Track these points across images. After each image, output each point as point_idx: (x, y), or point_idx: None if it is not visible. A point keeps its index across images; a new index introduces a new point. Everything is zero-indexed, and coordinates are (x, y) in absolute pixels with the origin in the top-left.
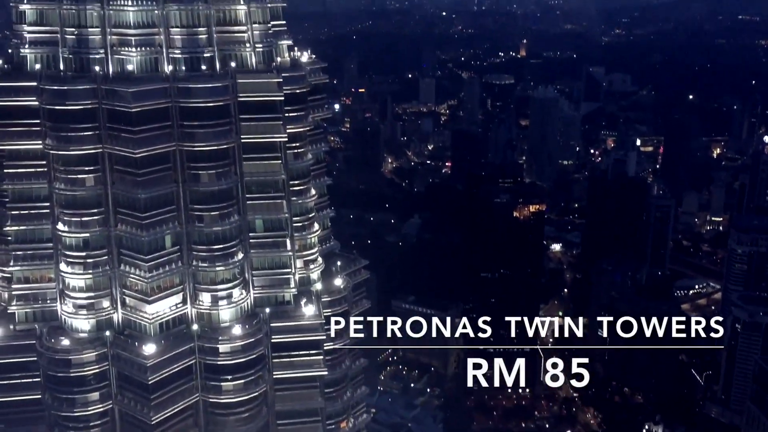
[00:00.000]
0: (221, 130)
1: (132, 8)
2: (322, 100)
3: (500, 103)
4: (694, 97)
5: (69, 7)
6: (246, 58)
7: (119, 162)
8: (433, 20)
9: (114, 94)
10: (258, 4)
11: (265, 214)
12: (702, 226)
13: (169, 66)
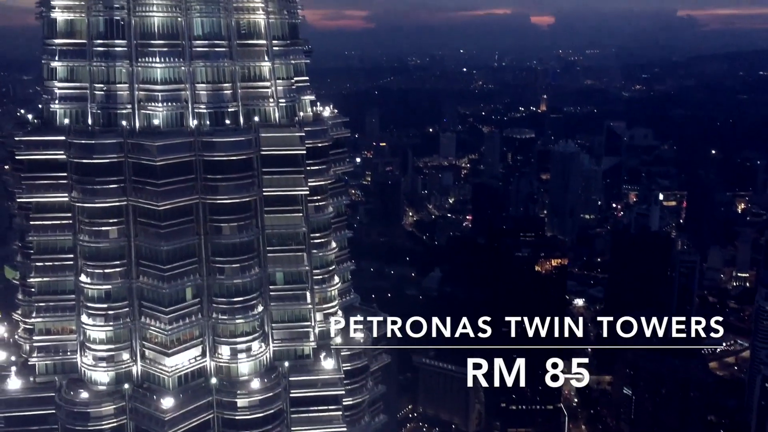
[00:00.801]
0: (244, 183)
1: (160, 65)
2: (343, 154)
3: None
4: (717, 152)
5: (99, 64)
6: (269, 113)
7: (143, 214)
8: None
9: (140, 147)
10: (282, 60)
11: (286, 267)
12: (728, 282)
13: (194, 120)
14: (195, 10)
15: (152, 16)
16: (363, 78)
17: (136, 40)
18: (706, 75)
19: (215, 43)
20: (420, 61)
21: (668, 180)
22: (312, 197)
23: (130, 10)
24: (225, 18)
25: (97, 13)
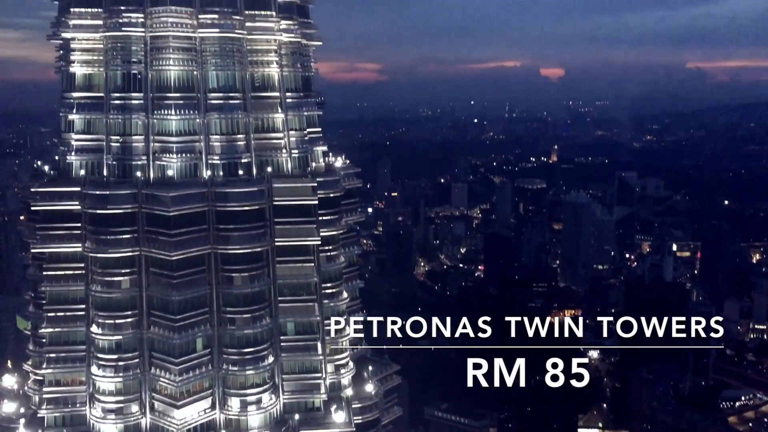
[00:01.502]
0: (256, 233)
1: (175, 117)
2: (355, 204)
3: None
4: (730, 202)
5: (115, 116)
6: (282, 164)
7: (155, 264)
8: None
9: (154, 198)
10: (295, 112)
11: (297, 317)
12: (745, 334)
13: (208, 171)
14: (210, 64)
15: (169, 69)
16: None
17: (153, 93)
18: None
19: (230, 95)
20: (431, 112)
21: (681, 230)
22: (324, 247)
23: (147, 64)
24: (240, 71)
25: (115, 68)
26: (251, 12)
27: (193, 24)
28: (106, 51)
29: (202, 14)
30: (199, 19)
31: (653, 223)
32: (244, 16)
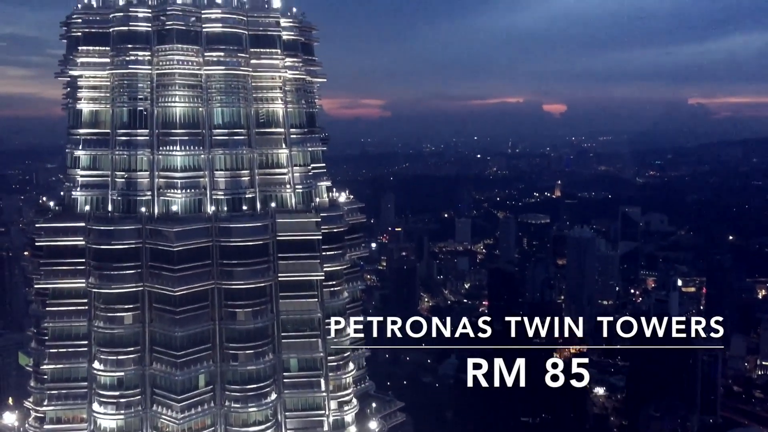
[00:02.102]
0: (259, 268)
1: (180, 153)
2: (359, 239)
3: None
4: (734, 238)
5: (121, 152)
6: (286, 199)
7: (158, 300)
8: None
9: (158, 233)
10: (299, 148)
11: (300, 353)
12: (752, 370)
13: (212, 206)
14: (216, 101)
15: (174, 106)
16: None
17: (158, 129)
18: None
19: (234, 131)
20: (435, 147)
21: (686, 266)
22: (327, 282)
23: (153, 101)
24: (244, 107)
25: (122, 104)
26: (256, 49)
27: (199, 61)
28: (112, 88)
29: (208, 52)
30: (205, 57)
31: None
32: (250, 54)
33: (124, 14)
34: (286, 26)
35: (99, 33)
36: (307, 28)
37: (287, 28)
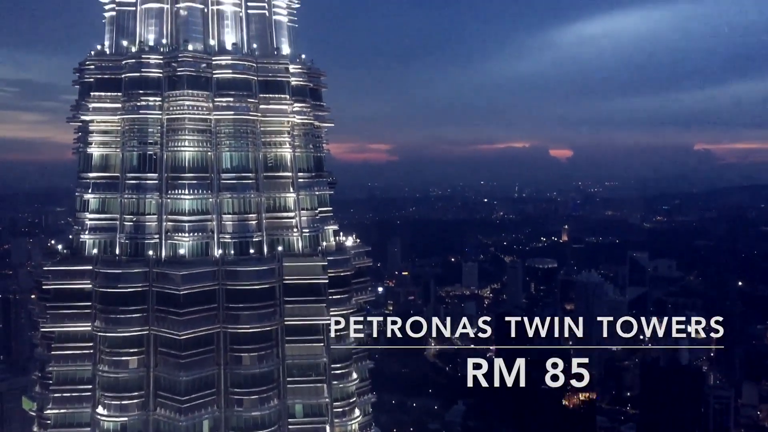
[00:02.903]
0: (266, 312)
1: (188, 197)
2: (365, 283)
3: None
4: (744, 283)
5: (130, 196)
6: (293, 242)
7: (164, 344)
8: (474, 206)
9: (164, 277)
10: (307, 192)
11: (305, 399)
12: (765, 419)
13: (219, 250)
14: (224, 145)
15: (183, 150)
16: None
17: (167, 173)
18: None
19: (242, 175)
20: (441, 192)
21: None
22: None
23: (162, 145)
24: (253, 152)
25: (132, 149)
26: (266, 95)
27: (209, 107)
28: (123, 133)
29: (218, 97)
30: (215, 102)
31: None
32: (259, 99)
33: (137, 60)
34: (295, 72)
35: (111, 79)
36: (316, 74)
37: (296, 74)
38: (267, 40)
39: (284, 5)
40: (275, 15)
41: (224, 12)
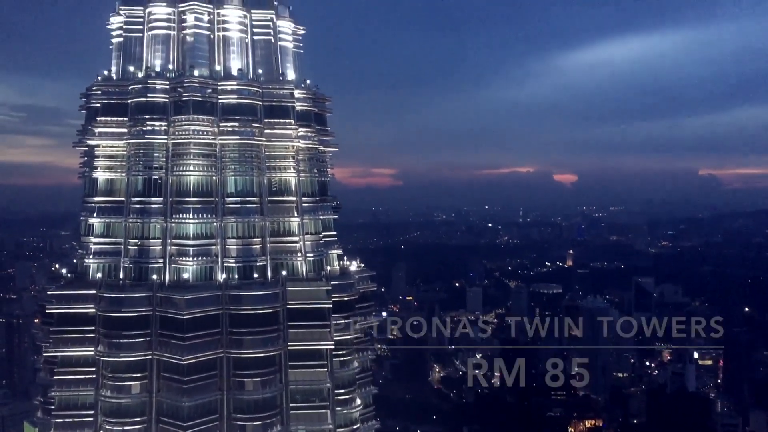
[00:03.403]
0: (269, 336)
1: (193, 221)
2: (369, 308)
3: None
4: (750, 309)
5: (134, 220)
6: (297, 267)
7: (167, 369)
8: (479, 231)
9: (168, 301)
10: (311, 216)
11: (309, 425)
12: None
13: (223, 274)
14: (229, 169)
15: (188, 175)
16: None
17: (172, 198)
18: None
19: (247, 200)
20: (446, 216)
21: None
22: (337, 352)
23: (167, 169)
24: (257, 176)
25: (137, 173)
26: (270, 120)
27: (214, 131)
28: (128, 157)
29: (223, 122)
30: (220, 127)
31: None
32: (264, 124)
33: (143, 86)
34: (300, 97)
35: (117, 104)
36: (321, 99)
37: (301, 100)
38: (272, 65)
39: (290, 32)
40: (281, 41)
41: (230, 38)
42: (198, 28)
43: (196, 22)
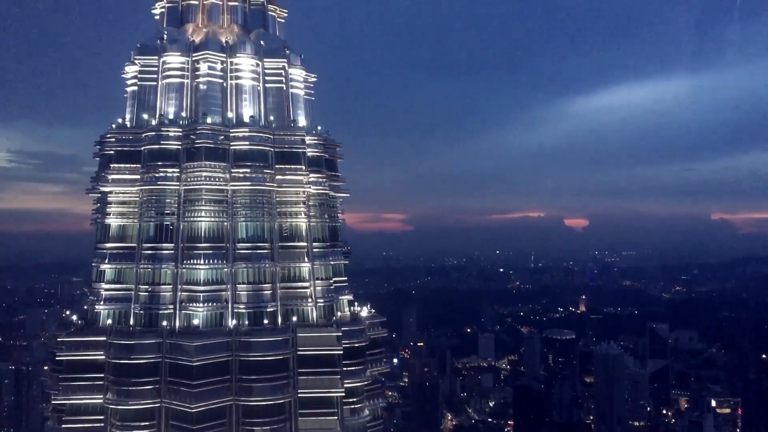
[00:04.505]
0: (279, 384)
1: (204, 267)
2: (380, 354)
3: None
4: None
5: (146, 266)
6: (307, 313)
7: (175, 417)
8: (490, 276)
9: (178, 348)
10: (322, 261)
11: None
12: None
13: (233, 320)
14: (240, 215)
15: (200, 221)
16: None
17: (183, 243)
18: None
19: (258, 245)
20: (457, 261)
21: (719, 385)
22: (348, 399)
23: (179, 215)
24: (268, 221)
25: (149, 219)
26: (282, 166)
27: (226, 177)
28: (141, 203)
29: (235, 168)
30: (232, 173)
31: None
32: (275, 170)
33: (156, 133)
34: (311, 143)
35: (131, 151)
36: (332, 145)
37: (312, 145)
38: (284, 112)
39: (301, 79)
40: (293, 89)
41: (243, 86)
42: (211, 76)
43: (210, 71)
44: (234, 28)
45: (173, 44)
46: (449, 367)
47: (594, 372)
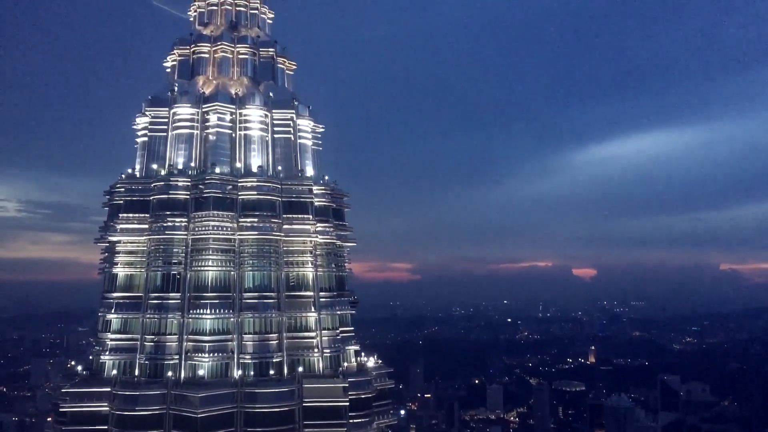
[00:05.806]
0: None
1: (210, 316)
2: (387, 406)
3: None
4: None
5: (152, 316)
6: (313, 363)
7: None
8: (498, 326)
9: (183, 399)
10: (328, 311)
11: None
12: None
13: (239, 371)
14: (247, 264)
15: (207, 270)
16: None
17: (190, 293)
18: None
19: (264, 295)
20: (464, 311)
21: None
22: None
23: (186, 265)
24: (275, 271)
25: (156, 269)
26: (289, 215)
27: (233, 227)
28: (148, 253)
29: (243, 218)
30: (239, 223)
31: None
32: (282, 220)
33: (165, 183)
34: (318, 193)
35: (139, 200)
36: (339, 195)
37: (319, 195)
38: (292, 162)
39: (309, 130)
40: (300, 139)
41: (251, 137)
42: (220, 127)
43: (219, 122)
44: (243, 80)
45: (184, 96)
46: (457, 420)
47: (605, 425)
